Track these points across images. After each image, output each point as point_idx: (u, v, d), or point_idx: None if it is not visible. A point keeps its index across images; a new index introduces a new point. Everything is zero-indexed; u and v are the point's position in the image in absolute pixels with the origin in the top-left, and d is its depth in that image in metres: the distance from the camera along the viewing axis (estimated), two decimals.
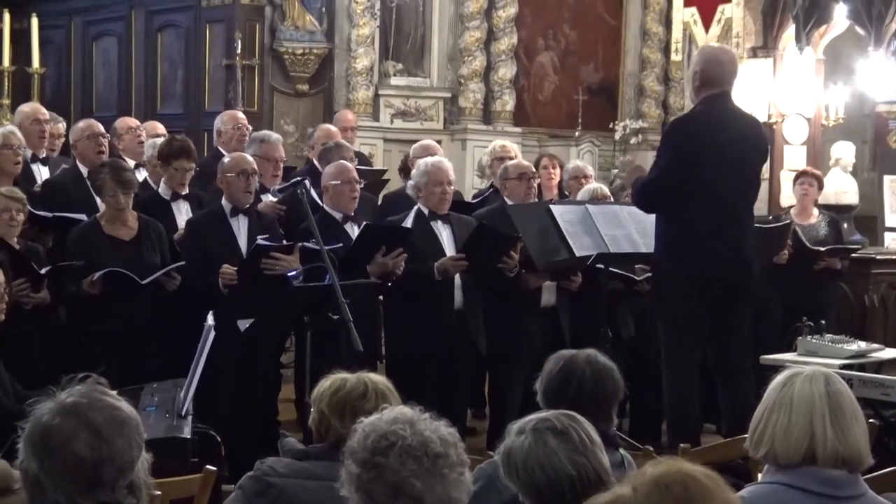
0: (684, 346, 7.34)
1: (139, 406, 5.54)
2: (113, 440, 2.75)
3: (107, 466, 2.74)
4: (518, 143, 12.45)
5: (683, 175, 7.11)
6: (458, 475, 2.96)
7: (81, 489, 2.74)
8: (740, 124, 7.41)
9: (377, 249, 7.57)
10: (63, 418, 2.76)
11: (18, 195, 7.16)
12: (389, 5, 15.19)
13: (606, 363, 4.40)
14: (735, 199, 7.30)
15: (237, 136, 9.27)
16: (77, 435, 2.74)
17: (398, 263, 7.60)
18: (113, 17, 16.26)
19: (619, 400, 4.41)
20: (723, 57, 7.42)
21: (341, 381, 3.98)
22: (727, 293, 7.29)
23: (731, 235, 7.24)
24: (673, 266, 7.30)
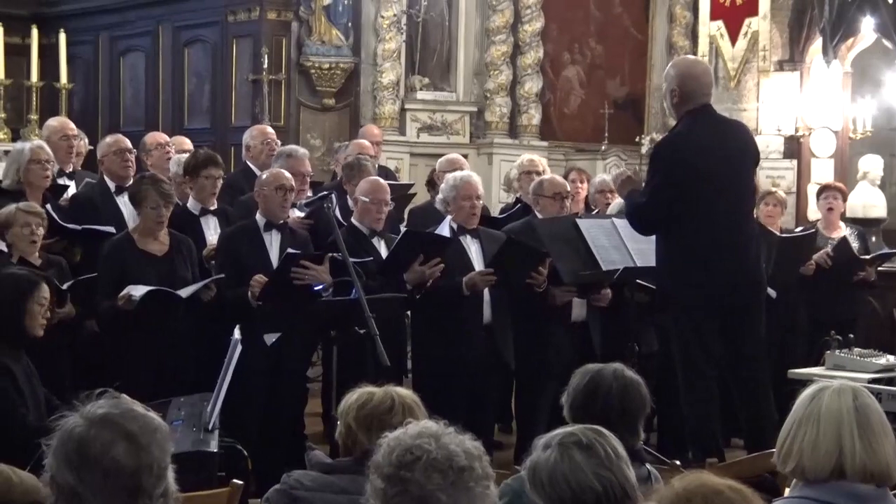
0: (698, 362, 7.28)
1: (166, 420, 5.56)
2: (150, 447, 2.77)
3: (146, 473, 2.75)
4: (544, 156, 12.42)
5: (675, 196, 7.06)
6: (483, 489, 2.95)
7: (122, 498, 2.75)
8: (727, 135, 7.34)
9: (415, 257, 7.58)
10: (98, 429, 2.77)
11: (37, 210, 7.20)
12: (416, 20, 15.21)
13: (633, 377, 4.38)
14: (730, 210, 7.18)
15: (266, 150, 9.29)
16: (115, 444, 2.75)
17: (435, 273, 7.60)
18: (140, 33, 16.32)
19: (645, 414, 4.39)
20: (696, 70, 7.38)
21: (368, 395, 3.98)
22: (735, 304, 7.22)
23: (729, 248, 7.14)
24: (677, 285, 7.25)
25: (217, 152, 8.84)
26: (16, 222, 7.05)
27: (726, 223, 7.15)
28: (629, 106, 16.92)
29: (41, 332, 6.07)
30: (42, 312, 6.07)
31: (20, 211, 7.09)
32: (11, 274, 6.21)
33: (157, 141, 9.66)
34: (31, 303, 6.00)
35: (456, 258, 7.81)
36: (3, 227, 7.09)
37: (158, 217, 7.35)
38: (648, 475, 4.20)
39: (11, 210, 7.11)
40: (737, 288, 7.18)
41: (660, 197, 7.14)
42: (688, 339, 7.25)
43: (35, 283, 6.05)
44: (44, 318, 6.10)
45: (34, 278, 6.12)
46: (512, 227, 8.43)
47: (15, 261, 6.96)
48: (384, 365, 6.33)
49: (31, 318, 5.99)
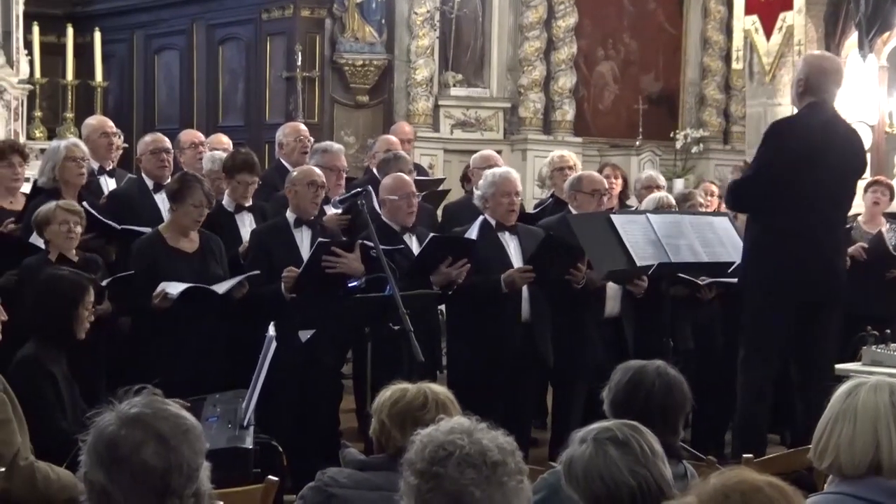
0: (764, 354, 7.26)
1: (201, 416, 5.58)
2: (180, 448, 2.76)
3: (175, 474, 2.75)
4: (578, 152, 12.41)
5: (779, 177, 7.04)
6: (517, 483, 2.95)
7: (151, 498, 2.75)
8: (841, 135, 7.33)
9: (442, 260, 7.57)
10: (129, 428, 2.78)
11: (76, 208, 7.23)
12: (449, 16, 15.21)
13: (676, 375, 4.36)
14: (829, 207, 7.20)
15: (299, 148, 9.30)
16: (145, 444, 2.75)
17: (461, 274, 7.60)
18: (174, 31, 16.39)
19: (686, 413, 4.38)
20: (827, 65, 7.37)
21: (401, 392, 3.98)
22: (815, 302, 7.20)
23: (822, 243, 7.16)
24: (761, 271, 7.23)
25: (251, 149, 8.85)
26: (54, 220, 7.08)
27: (825, 221, 7.15)
28: (663, 101, 16.88)
29: (83, 335, 6.10)
30: (87, 317, 6.11)
31: (59, 209, 7.12)
32: (63, 277, 6.18)
33: (192, 140, 9.69)
34: (81, 307, 6.04)
35: (494, 255, 7.79)
36: (43, 225, 7.12)
37: (198, 216, 7.36)
38: (685, 472, 4.19)
39: (51, 207, 7.14)
40: (819, 281, 7.17)
41: (763, 173, 7.15)
42: (757, 328, 7.23)
43: (85, 289, 6.08)
44: (88, 322, 6.12)
45: (84, 283, 6.13)
46: (546, 222, 8.41)
47: (53, 258, 6.99)
48: (418, 361, 6.34)
49: (78, 322, 6.03)
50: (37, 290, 6.18)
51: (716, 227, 7.97)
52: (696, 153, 16.25)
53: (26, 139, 13.39)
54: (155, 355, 7.20)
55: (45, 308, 5.98)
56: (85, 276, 6.36)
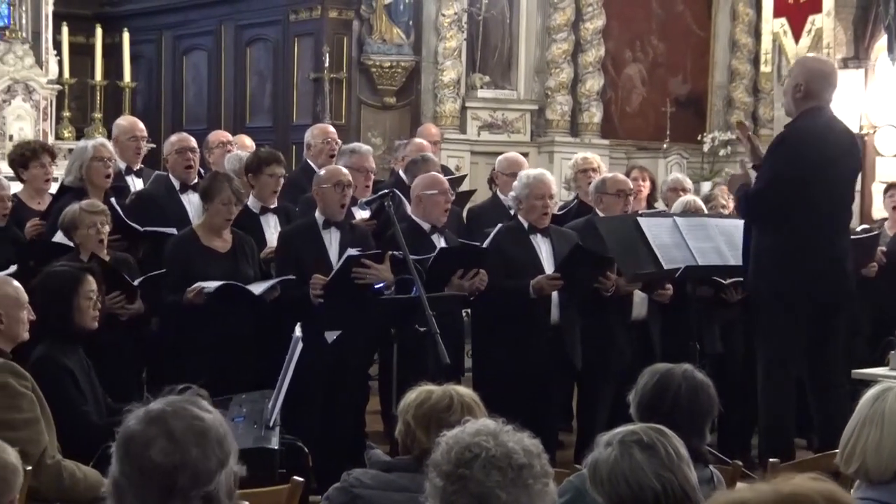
0: (782, 359, 7.26)
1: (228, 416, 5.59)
2: (188, 448, 2.76)
3: (180, 474, 2.75)
4: (605, 155, 12.40)
5: (789, 188, 7.04)
6: (542, 486, 2.95)
7: (155, 496, 2.76)
8: (839, 138, 7.34)
9: (453, 272, 7.56)
10: (145, 425, 2.79)
11: (99, 208, 7.25)
12: (476, 18, 15.20)
13: (703, 379, 4.35)
14: (836, 212, 7.23)
15: (327, 149, 9.31)
16: (154, 442, 2.76)
17: (474, 284, 7.58)
18: (202, 32, 16.44)
19: (713, 416, 4.36)
20: (826, 69, 7.37)
21: (427, 394, 3.98)
22: (825, 307, 7.20)
23: (831, 249, 7.17)
24: (771, 279, 7.23)
25: (279, 150, 8.87)
26: (81, 223, 7.11)
27: (830, 226, 7.15)
28: (691, 104, 16.84)
29: (95, 325, 6.06)
30: (92, 306, 6.05)
31: (84, 211, 7.14)
32: (55, 271, 6.18)
33: (220, 139, 9.73)
34: (79, 298, 5.97)
35: (526, 257, 7.80)
36: (71, 229, 7.15)
37: (228, 213, 7.40)
38: (711, 476, 4.18)
39: (75, 211, 7.16)
40: (829, 287, 7.16)
41: (774, 185, 7.12)
42: (774, 333, 7.22)
43: (78, 279, 6.02)
44: (95, 311, 6.08)
45: (78, 273, 6.09)
46: (573, 225, 8.40)
47: (86, 258, 7.02)
48: (444, 363, 6.34)
49: (80, 312, 5.97)
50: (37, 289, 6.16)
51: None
52: (724, 156, 16.19)
53: (55, 139, 13.47)
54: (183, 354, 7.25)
55: (45, 304, 5.96)
56: (81, 266, 6.34)
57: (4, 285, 5.40)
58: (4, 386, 5.04)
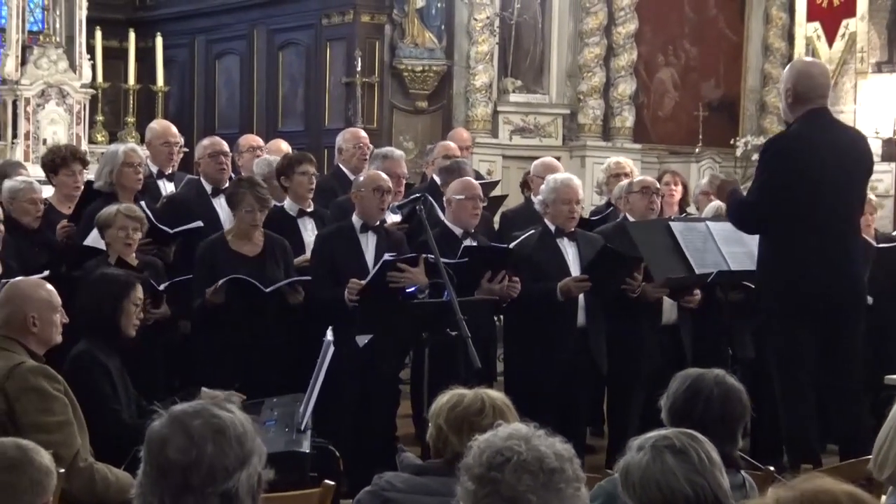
0: (793, 368, 7.20)
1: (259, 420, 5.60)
2: (203, 445, 2.77)
3: (194, 471, 2.76)
4: (637, 159, 12.38)
5: (780, 197, 6.97)
6: (574, 490, 2.95)
7: (171, 493, 2.77)
8: (841, 140, 7.20)
9: (482, 274, 7.56)
10: (166, 425, 2.82)
11: (137, 214, 7.28)
12: (509, 22, 15.19)
13: (735, 384, 4.33)
14: (835, 219, 7.06)
15: (358, 153, 9.31)
16: (171, 439, 2.79)
17: (504, 287, 7.58)
18: (235, 36, 16.49)
19: (745, 422, 4.34)
20: (814, 70, 7.26)
21: (459, 397, 3.98)
22: (830, 314, 7.10)
23: (831, 257, 7.02)
24: (775, 289, 7.17)
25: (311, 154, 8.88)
26: (114, 224, 7.15)
27: (831, 230, 7.02)
28: (724, 108, 16.78)
29: (134, 332, 6.12)
30: (136, 313, 6.12)
31: (120, 214, 7.19)
32: (108, 274, 6.28)
33: (250, 144, 9.75)
34: (127, 303, 6.05)
35: (553, 261, 7.79)
36: (104, 227, 7.20)
37: (252, 220, 7.43)
38: (743, 482, 4.16)
39: (112, 211, 7.21)
40: (835, 296, 7.05)
41: (765, 195, 7.05)
42: (783, 342, 7.17)
43: (131, 285, 6.11)
44: (137, 319, 6.14)
45: (130, 279, 6.18)
46: (604, 228, 8.41)
47: (113, 261, 7.06)
48: (475, 367, 6.34)
49: (126, 318, 6.04)
50: (84, 289, 6.23)
51: None
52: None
53: (88, 143, 13.53)
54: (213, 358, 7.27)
55: (92, 306, 6.02)
56: (132, 274, 6.41)
57: (38, 288, 5.43)
58: (38, 389, 5.07)
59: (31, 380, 5.09)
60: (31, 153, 13.62)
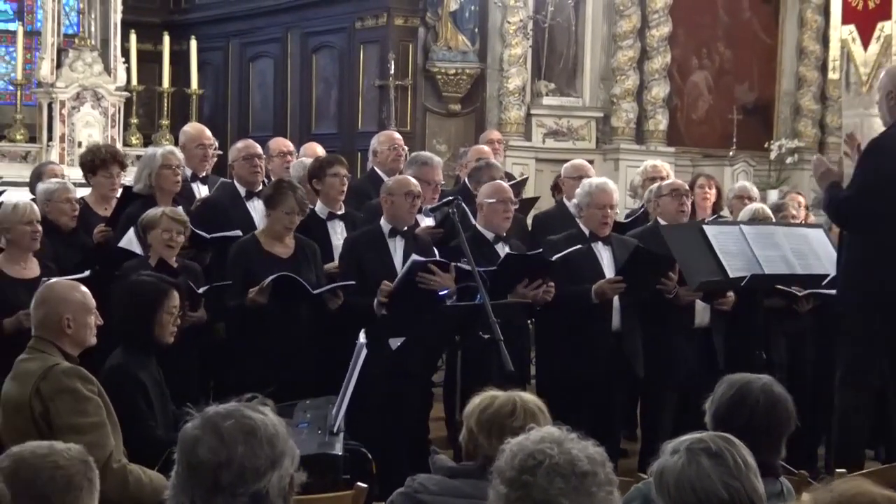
0: (862, 368, 7.17)
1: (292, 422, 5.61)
2: (234, 445, 2.78)
3: (224, 471, 2.77)
4: (671, 162, 12.33)
5: (877, 195, 6.96)
6: (606, 494, 2.94)
7: (202, 493, 2.78)
8: None
9: (519, 280, 7.55)
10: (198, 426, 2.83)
11: (182, 217, 7.29)
12: (542, 25, 15.18)
13: (781, 393, 4.27)
14: None
15: (393, 156, 9.31)
16: (202, 440, 2.79)
17: (538, 295, 7.57)
18: (269, 39, 16.54)
19: (790, 431, 4.27)
20: None
21: (490, 399, 3.97)
22: None
23: None
24: (856, 287, 7.14)
25: (344, 157, 8.89)
26: (158, 226, 7.15)
27: None
28: (758, 111, 16.73)
29: (171, 340, 6.07)
30: (172, 321, 6.06)
31: (165, 216, 7.19)
32: (143, 282, 6.20)
33: (280, 148, 9.74)
34: (161, 312, 5.99)
35: (587, 265, 7.77)
36: (147, 229, 7.21)
37: (290, 223, 7.44)
38: (781, 490, 4.12)
39: (157, 213, 7.22)
40: None
41: (864, 194, 7.05)
42: (856, 342, 7.14)
43: (165, 292, 6.04)
44: (174, 326, 6.09)
45: (165, 287, 6.10)
46: (636, 231, 8.38)
47: (154, 262, 7.07)
48: (508, 370, 6.32)
49: (161, 326, 5.99)
50: (119, 296, 6.20)
51: (810, 238, 7.88)
52: (791, 164, 16.08)
53: (122, 145, 13.57)
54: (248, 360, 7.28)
55: (128, 314, 5.98)
56: (168, 280, 6.36)
57: (72, 290, 5.44)
58: (72, 390, 5.09)
59: (66, 381, 5.11)
60: (66, 156, 13.71)
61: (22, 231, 7.10)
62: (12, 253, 7.14)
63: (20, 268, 7.13)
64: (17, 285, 6.90)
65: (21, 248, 7.13)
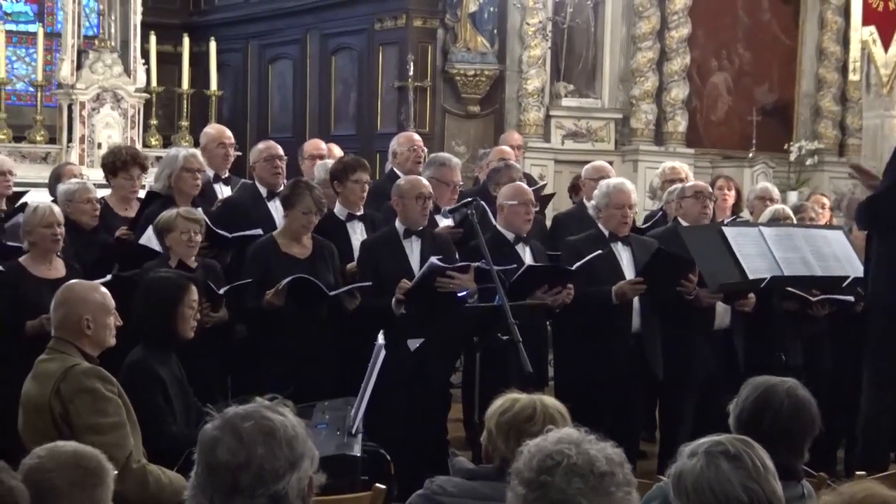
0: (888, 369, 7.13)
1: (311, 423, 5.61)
2: (253, 447, 2.79)
3: (244, 472, 2.78)
4: (690, 164, 12.30)
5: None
6: (624, 494, 2.93)
7: (221, 494, 2.79)
8: None
9: (538, 287, 7.55)
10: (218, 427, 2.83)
11: (197, 216, 7.32)
12: (561, 26, 15.16)
13: (806, 397, 4.25)
14: None
15: (412, 157, 9.32)
16: (221, 441, 2.80)
17: (557, 300, 7.57)
18: (288, 41, 16.57)
19: (813, 435, 4.25)
20: None
21: (511, 402, 3.97)
22: None
23: None
24: (881, 288, 7.11)
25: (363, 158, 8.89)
26: (175, 227, 7.18)
27: None
28: (777, 113, 16.70)
29: (192, 334, 6.11)
30: (192, 315, 6.11)
31: (181, 217, 7.22)
32: (162, 277, 6.27)
33: (312, 151, 9.77)
34: (182, 306, 6.03)
35: (607, 265, 7.76)
36: (164, 232, 7.23)
37: (308, 222, 7.44)
38: (802, 493, 4.11)
39: (172, 215, 7.25)
40: None
41: (890, 194, 7.01)
42: (885, 344, 7.10)
43: (184, 287, 6.10)
44: (194, 321, 6.14)
45: (183, 282, 6.16)
46: (656, 233, 8.37)
47: (174, 264, 7.09)
48: (527, 371, 6.32)
49: (182, 321, 6.03)
50: (139, 293, 6.24)
51: (830, 240, 7.86)
52: (811, 165, 16.05)
53: (142, 147, 13.61)
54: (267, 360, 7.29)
55: (148, 310, 6.02)
56: (184, 275, 6.41)
57: (92, 291, 5.46)
58: (92, 391, 5.10)
59: (85, 381, 5.12)
60: (86, 157, 13.77)
61: (42, 234, 7.16)
62: (36, 254, 7.21)
63: (45, 268, 7.19)
64: (42, 285, 6.93)
65: (43, 250, 7.19)
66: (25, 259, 7.23)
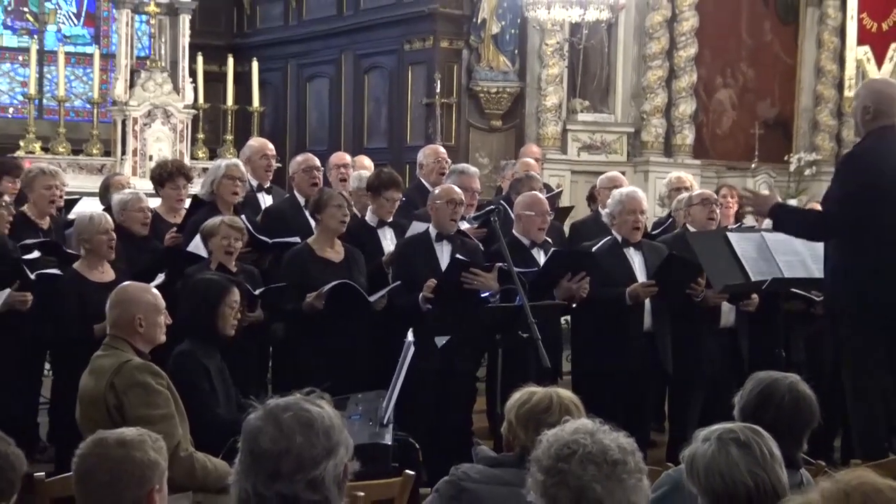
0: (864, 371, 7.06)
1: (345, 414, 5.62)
2: (293, 436, 2.80)
3: (284, 459, 2.79)
4: (697, 174, 12.30)
5: (859, 205, 6.83)
6: (636, 481, 2.94)
7: (263, 479, 2.80)
8: None
9: (563, 275, 7.56)
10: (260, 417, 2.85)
11: (239, 225, 7.34)
12: (577, 47, 15.15)
13: (806, 392, 4.24)
14: None
15: (437, 168, 9.37)
16: (264, 430, 2.81)
17: (581, 287, 7.57)
18: (325, 61, 16.61)
19: (812, 427, 4.24)
20: (891, 90, 7.13)
21: (529, 395, 3.98)
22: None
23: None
24: (846, 296, 7.02)
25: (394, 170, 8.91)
26: (218, 233, 7.22)
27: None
28: (778, 126, 16.66)
29: (232, 332, 6.13)
30: (233, 314, 6.13)
31: (224, 224, 7.25)
32: (206, 279, 6.32)
33: (336, 162, 9.79)
34: (223, 305, 6.06)
35: (620, 269, 7.76)
36: (208, 236, 7.27)
37: (343, 216, 7.49)
38: (801, 480, 4.10)
39: (216, 222, 7.28)
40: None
41: (844, 206, 6.93)
42: (858, 348, 7.03)
43: (227, 288, 6.13)
44: (235, 320, 6.16)
45: (226, 283, 6.20)
46: (666, 239, 8.36)
47: (214, 267, 7.11)
48: (545, 366, 6.32)
49: (223, 319, 6.06)
50: (184, 292, 6.30)
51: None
52: (809, 175, 16.01)
53: (190, 159, 13.67)
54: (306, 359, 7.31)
55: (193, 308, 6.06)
56: (227, 277, 6.45)
57: (144, 293, 5.48)
58: (143, 384, 5.12)
59: (138, 376, 5.13)
60: (138, 168, 13.83)
61: (99, 240, 7.23)
62: (91, 260, 7.26)
63: (98, 272, 7.25)
64: (98, 289, 6.96)
65: (99, 256, 7.25)
66: (80, 265, 7.29)
